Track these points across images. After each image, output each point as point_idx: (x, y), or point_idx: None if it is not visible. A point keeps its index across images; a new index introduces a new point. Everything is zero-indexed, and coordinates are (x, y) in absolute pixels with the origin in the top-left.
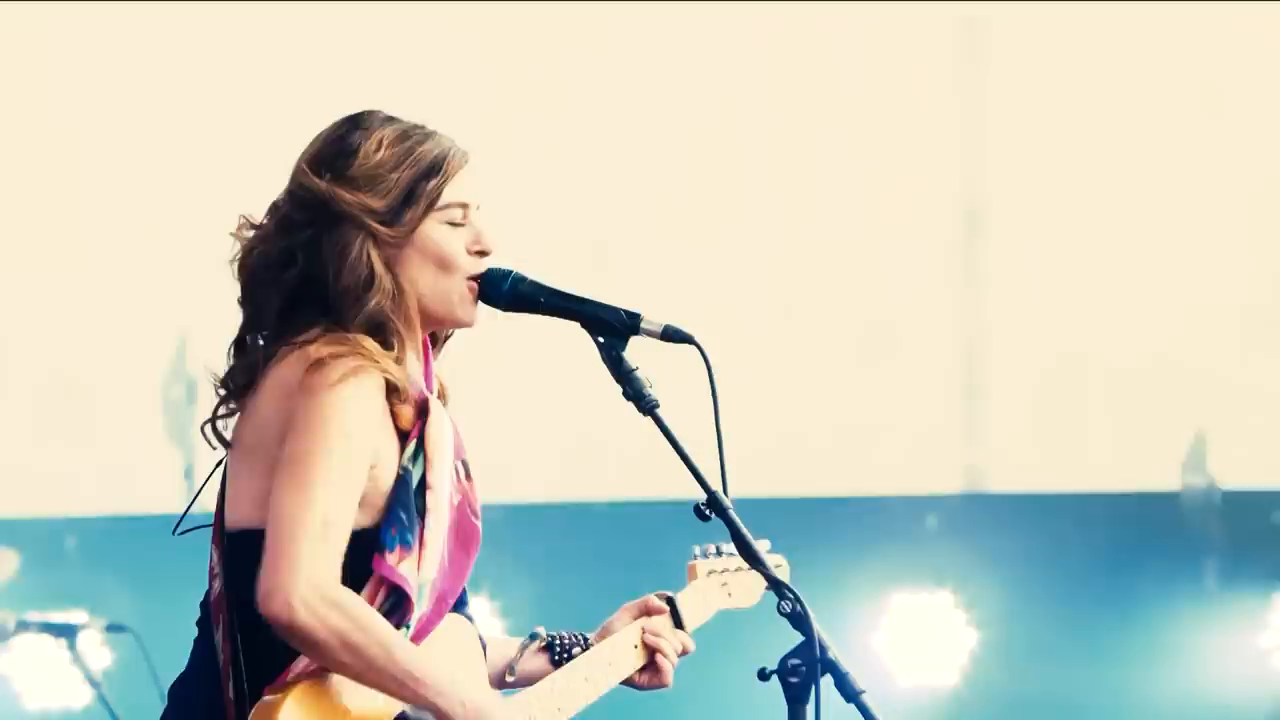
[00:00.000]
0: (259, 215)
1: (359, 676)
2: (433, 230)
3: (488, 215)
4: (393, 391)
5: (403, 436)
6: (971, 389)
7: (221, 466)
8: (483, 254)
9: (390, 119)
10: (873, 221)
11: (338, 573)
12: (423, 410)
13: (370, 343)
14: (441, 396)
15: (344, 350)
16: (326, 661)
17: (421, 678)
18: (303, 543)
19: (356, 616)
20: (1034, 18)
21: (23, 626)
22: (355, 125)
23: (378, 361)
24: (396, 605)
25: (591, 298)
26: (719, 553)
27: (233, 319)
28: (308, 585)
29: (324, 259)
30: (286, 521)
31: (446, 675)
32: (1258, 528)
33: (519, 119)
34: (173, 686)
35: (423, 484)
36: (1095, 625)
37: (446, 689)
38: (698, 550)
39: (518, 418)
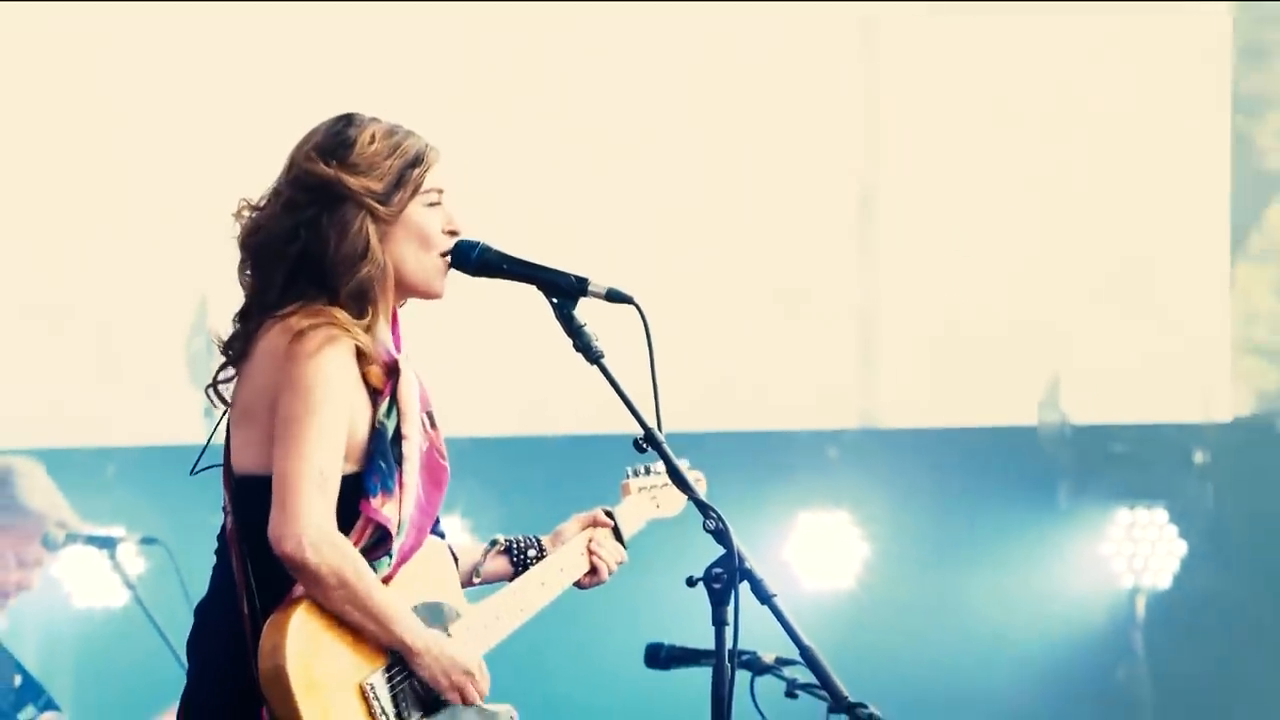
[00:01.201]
0: (257, 199)
1: (343, 612)
2: (416, 212)
3: (453, 201)
4: (361, 356)
5: (373, 393)
6: (866, 342)
7: (225, 421)
8: (453, 234)
9: (374, 118)
10: (783, 201)
11: (334, 516)
12: (393, 371)
13: (342, 314)
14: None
15: (320, 321)
16: (321, 594)
17: (393, 616)
18: (306, 493)
19: (351, 559)
20: (921, 22)
21: (71, 539)
22: (348, 122)
23: (349, 330)
24: (381, 540)
25: (546, 264)
26: (647, 472)
27: None
28: (315, 530)
29: (324, 234)
30: (290, 476)
31: (412, 618)
32: (1101, 456)
33: (474, 109)
34: (198, 607)
35: (398, 435)
36: (967, 538)
37: (412, 629)
38: (630, 470)
39: (488, 367)
